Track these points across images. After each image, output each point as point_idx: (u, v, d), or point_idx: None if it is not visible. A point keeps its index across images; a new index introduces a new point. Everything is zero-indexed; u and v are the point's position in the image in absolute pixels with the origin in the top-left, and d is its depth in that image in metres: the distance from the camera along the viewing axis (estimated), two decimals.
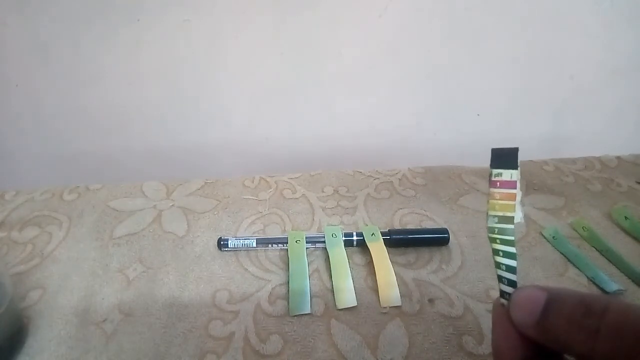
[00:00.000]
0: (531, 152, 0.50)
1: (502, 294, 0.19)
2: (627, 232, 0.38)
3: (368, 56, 0.61)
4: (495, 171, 0.19)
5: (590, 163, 0.49)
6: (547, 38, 0.61)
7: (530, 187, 0.45)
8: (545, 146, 0.72)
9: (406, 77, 0.64)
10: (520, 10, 0.59)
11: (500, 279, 0.19)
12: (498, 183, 0.19)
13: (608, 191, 0.44)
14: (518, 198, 0.19)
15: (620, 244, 0.36)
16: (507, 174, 0.19)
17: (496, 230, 0.19)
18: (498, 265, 0.19)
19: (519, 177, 0.19)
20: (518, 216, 0.19)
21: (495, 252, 0.19)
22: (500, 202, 0.19)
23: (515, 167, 0.19)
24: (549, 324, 0.16)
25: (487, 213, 0.20)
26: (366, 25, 0.58)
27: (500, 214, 0.19)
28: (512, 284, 0.19)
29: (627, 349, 0.14)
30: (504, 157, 0.19)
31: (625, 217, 0.38)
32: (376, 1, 0.56)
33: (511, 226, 0.19)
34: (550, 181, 0.46)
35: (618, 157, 0.50)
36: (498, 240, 0.19)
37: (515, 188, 0.19)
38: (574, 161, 0.49)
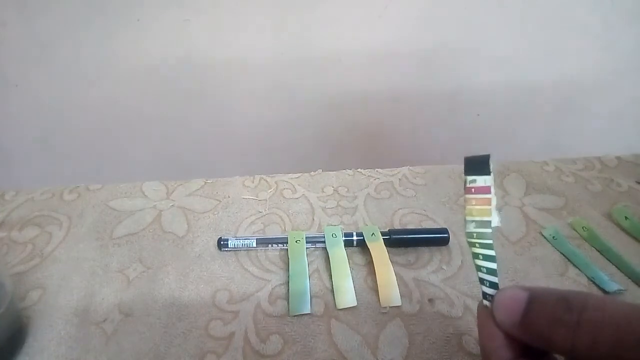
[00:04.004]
0: (531, 152, 0.50)
1: (485, 295, 0.19)
2: (627, 232, 0.38)
3: (368, 56, 0.61)
4: (469, 178, 0.20)
5: (590, 163, 0.49)
6: (547, 38, 0.61)
7: (530, 187, 0.45)
8: (545, 146, 0.72)
9: (406, 77, 0.64)
10: (520, 10, 0.59)
11: (482, 281, 0.19)
12: (473, 189, 0.20)
13: (608, 191, 0.44)
14: (493, 203, 0.19)
15: (620, 244, 0.36)
16: (481, 180, 0.20)
17: (475, 235, 0.20)
18: (479, 268, 0.20)
19: (493, 182, 0.19)
20: (495, 220, 0.19)
21: (475, 255, 0.20)
22: (477, 207, 0.20)
23: (488, 172, 0.19)
24: (531, 322, 0.17)
25: (465, 219, 0.20)
26: (366, 25, 0.58)
27: (478, 218, 0.20)
28: (493, 285, 0.19)
29: (606, 341, 0.15)
30: (477, 164, 0.20)
31: (625, 217, 0.38)
32: (376, 1, 0.56)
33: (489, 230, 0.19)
34: (550, 181, 0.46)
35: (618, 157, 0.50)
36: (477, 245, 0.20)
37: (489, 193, 0.19)
38: (574, 161, 0.49)
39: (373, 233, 0.36)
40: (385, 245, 0.35)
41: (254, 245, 0.36)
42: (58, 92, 0.61)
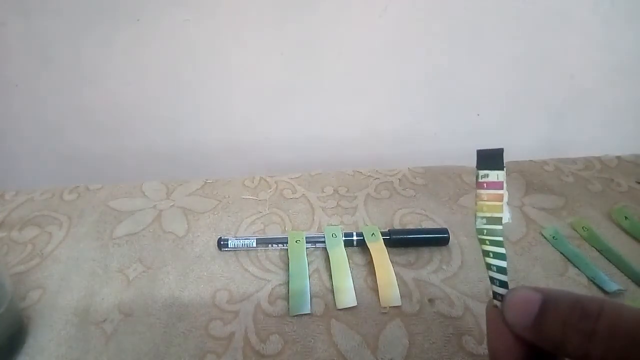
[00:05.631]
0: (531, 152, 0.50)
1: (495, 295, 0.19)
2: (627, 232, 0.38)
3: (368, 56, 0.61)
4: (481, 172, 0.19)
5: (590, 163, 0.49)
6: (547, 38, 0.61)
7: (530, 187, 0.45)
8: (545, 146, 0.72)
9: (406, 77, 0.64)
10: (520, 10, 0.58)
11: (492, 280, 0.19)
12: (485, 184, 0.19)
13: (608, 191, 0.44)
14: (505, 198, 0.19)
15: (620, 244, 0.36)
16: (494, 175, 0.19)
17: (485, 231, 0.19)
18: (489, 266, 0.19)
19: (505, 177, 0.19)
20: (506, 217, 0.19)
21: (486, 253, 0.19)
22: (488, 203, 0.19)
23: (501, 167, 0.19)
24: (544, 326, 0.16)
25: (475, 214, 0.20)
26: (366, 25, 0.58)
27: (488, 215, 0.19)
28: (503, 285, 0.19)
29: (621, 351, 0.14)
30: (490, 158, 0.19)
31: (625, 217, 0.38)
32: (376, 1, 0.56)
33: (499, 227, 0.19)
34: (550, 181, 0.46)
35: (618, 157, 0.50)
36: (487, 242, 0.19)
37: (502, 189, 0.19)
38: (574, 161, 0.49)
39: (373, 233, 0.36)
40: (385, 245, 0.35)
41: (254, 245, 0.36)
42: (58, 92, 0.61)
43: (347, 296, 0.31)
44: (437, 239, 0.36)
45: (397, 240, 0.36)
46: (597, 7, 0.59)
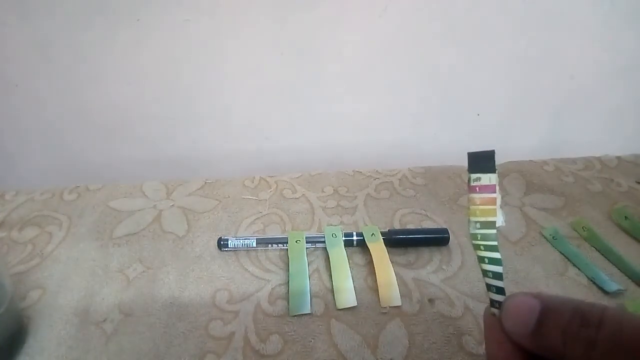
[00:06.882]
0: (531, 152, 0.50)
1: (492, 303, 0.19)
2: (627, 232, 0.38)
3: (368, 56, 0.61)
4: (473, 176, 0.19)
5: (590, 163, 0.49)
6: (547, 38, 0.61)
7: (530, 187, 0.45)
8: (545, 146, 0.72)
9: (406, 77, 0.64)
10: (520, 10, 0.58)
11: (489, 287, 0.19)
12: (477, 188, 0.19)
13: (608, 191, 0.44)
14: (498, 202, 0.19)
15: (620, 244, 0.36)
16: (486, 178, 0.19)
17: (479, 236, 0.19)
18: (485, 273, 0.19)
19: (498, 180, 0.19)
20: (499, 220, 0.19)
21: (481, 259, 0.19)
22: (481, 207, 0.19)
23: (493, 170, 0.19)
24: (544, 334, 0.16)
25: (469, 219, 0.19)
26: (366, 25, 0.58)
27: (482, 219, 0.19)
28: (500, 291, 0.18)
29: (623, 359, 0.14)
30: (482, 161, 0.19)
31: (625, 217, 0.38)
32: (376, 1, 0.56)
33: (493, 231, 0.19)
34: (550, 181, 0.46)
35: (618, 157, 0.50)
36: (482, 247, 0.19)
37: (494, 192, 0.19)
38: (574, 161, 0.49)
39: (373, 233, 0.36)
40: (385, 245, 0.35)
41: (254, 245, 0.36)
42: (58, 92, 0.61)
43: (347, 296, 0.31)
44: (437, 239, 0.36)
45: (397, 240, 0.36)
46: (597, 7, 0.59)
